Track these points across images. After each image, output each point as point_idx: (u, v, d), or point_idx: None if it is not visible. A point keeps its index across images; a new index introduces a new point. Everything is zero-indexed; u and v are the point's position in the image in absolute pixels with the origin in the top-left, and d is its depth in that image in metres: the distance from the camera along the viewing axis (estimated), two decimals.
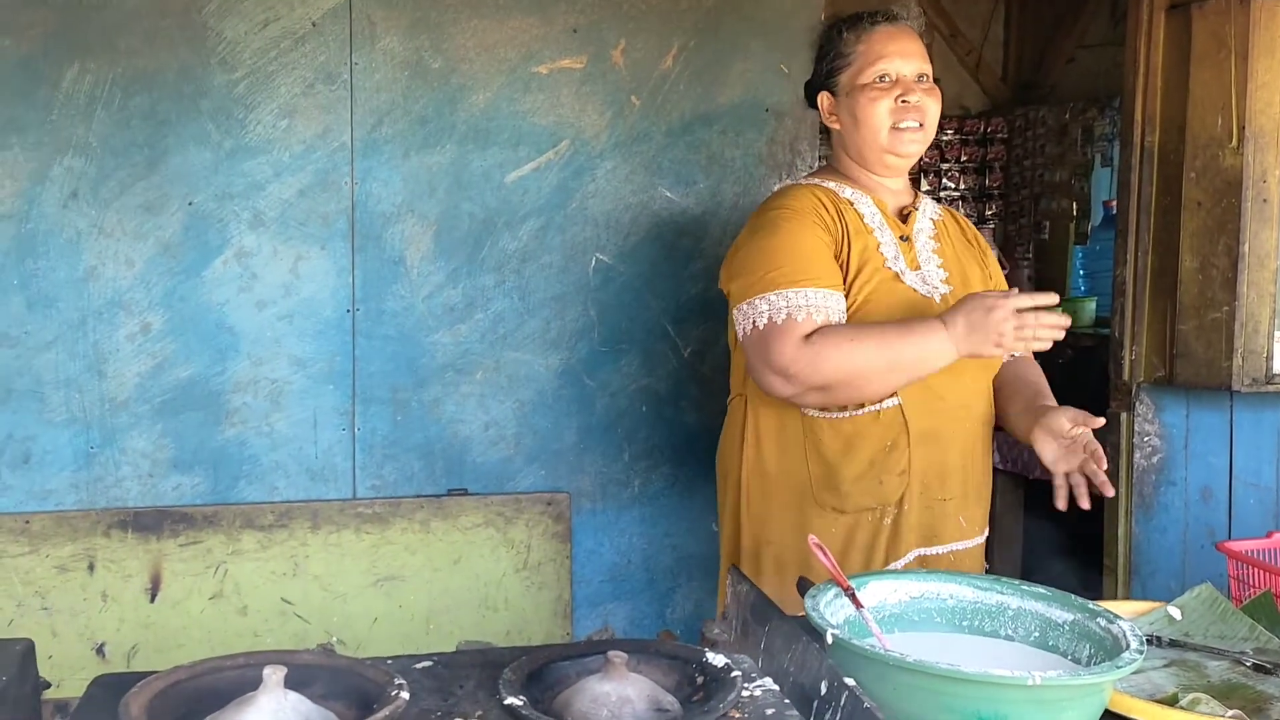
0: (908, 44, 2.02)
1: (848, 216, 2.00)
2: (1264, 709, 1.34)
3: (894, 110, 1.99)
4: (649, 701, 1.11)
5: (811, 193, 2.03)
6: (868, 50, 2.02)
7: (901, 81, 2.00)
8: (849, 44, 2.04)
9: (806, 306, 1.88)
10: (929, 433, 1.98)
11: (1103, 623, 1.34)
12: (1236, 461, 2.82)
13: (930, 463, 1.98)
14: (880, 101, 1.99)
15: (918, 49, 2.03)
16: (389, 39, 2.65)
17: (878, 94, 1.99)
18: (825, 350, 1.85)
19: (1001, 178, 6.58)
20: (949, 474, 2.01)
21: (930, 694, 1.17)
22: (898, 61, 2.00)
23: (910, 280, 1.98)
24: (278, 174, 2.62)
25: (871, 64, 2.01)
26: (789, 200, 2.02)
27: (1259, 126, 2.65)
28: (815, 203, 2.00)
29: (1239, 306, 2.67)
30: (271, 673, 1.04)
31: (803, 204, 2.00)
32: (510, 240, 2.76)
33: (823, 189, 2.05)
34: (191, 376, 2.63)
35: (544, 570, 2.81)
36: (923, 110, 2.00)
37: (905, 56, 2.00)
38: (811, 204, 2.00)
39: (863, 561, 2.00)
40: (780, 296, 1.90)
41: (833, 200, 2.02)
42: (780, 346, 1.87)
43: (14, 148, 2.49)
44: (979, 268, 2.13)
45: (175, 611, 2.62)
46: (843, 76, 2.05)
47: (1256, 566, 1.70)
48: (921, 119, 2.00)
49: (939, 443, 1.99)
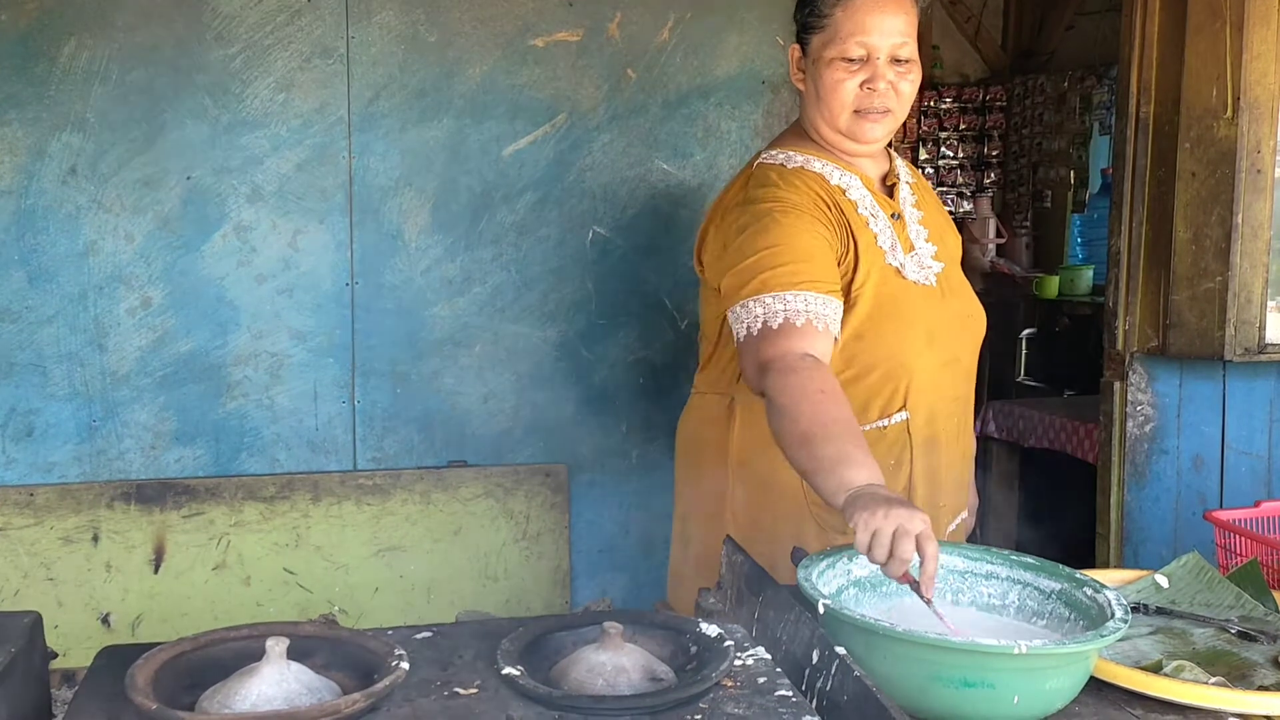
0: (889, 15, 1.80)
1: (844, 208, 1.83)
2: (1247, 675, 1.36)
3: (859, 95, 1.81)
4: (644, 671, 1.14)
5: (805, 183, 1.83)
6: (845, 19, 1.80)
7: (872, 62, 1.80)
8: (827, 4, 1.82)
9: (806, 312, 1.71)
10: (928, 441, 1.86)
11: (1089, 591, 1.37)
12: (1229, 431, 2.84)
13: (928, 473, 1.87)
14: (845, 83, 1.81)
15: (901, 22, 1.81)
16: (385, 13, 2.65)
17: (844, 74, 1.80)
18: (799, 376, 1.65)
19: (1000, 146, 6.57)
20: (944, 477, 1.90)
21: (919, 663, 1.20)
22: (874, 36, 1.79)
23: (909, 271, 1.84)
24: (275, 148, 2.63)
25: (845, 38, 1.80)
26: (784, 191, 1.82)
27: (1254, 97, 2.65)
28: (814, 196, 1.82)
29: (1232, 277, 2.68)
30: (274, 644, 1.07)
31: (801, 197, 1.81)
32: (508, 213, 2.77)
33: (812, 175, 1.86)
34: (192, 350, 2.65)
35: (543, 541, 2.84)
36: (890, 96, 1.82)
37: (883, 32, 1.79)
38: (811, 198, 1.81)
39: None
40: (776, 299, 1.73)
41: (826, 190, 1.84)
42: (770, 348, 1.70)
43: (12, 124, 2.50)
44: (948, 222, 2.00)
45: (179, 582, 2.66)
46: (814, 38, 1.84)
47: (1243, 535, 1.72)
48: (889, 105, 1.82)
49: (935, 448, 1.88)
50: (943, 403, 1.88)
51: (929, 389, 1.85)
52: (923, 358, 1.84)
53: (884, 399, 1.83)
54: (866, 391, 1.83)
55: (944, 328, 1.88)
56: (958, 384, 1.93)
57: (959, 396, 1.94)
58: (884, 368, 1.82)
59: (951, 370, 1.90)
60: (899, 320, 1.82)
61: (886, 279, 1.83)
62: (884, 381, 1.83)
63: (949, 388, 1.90)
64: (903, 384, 1.83)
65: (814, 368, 1.66)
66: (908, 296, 1.84)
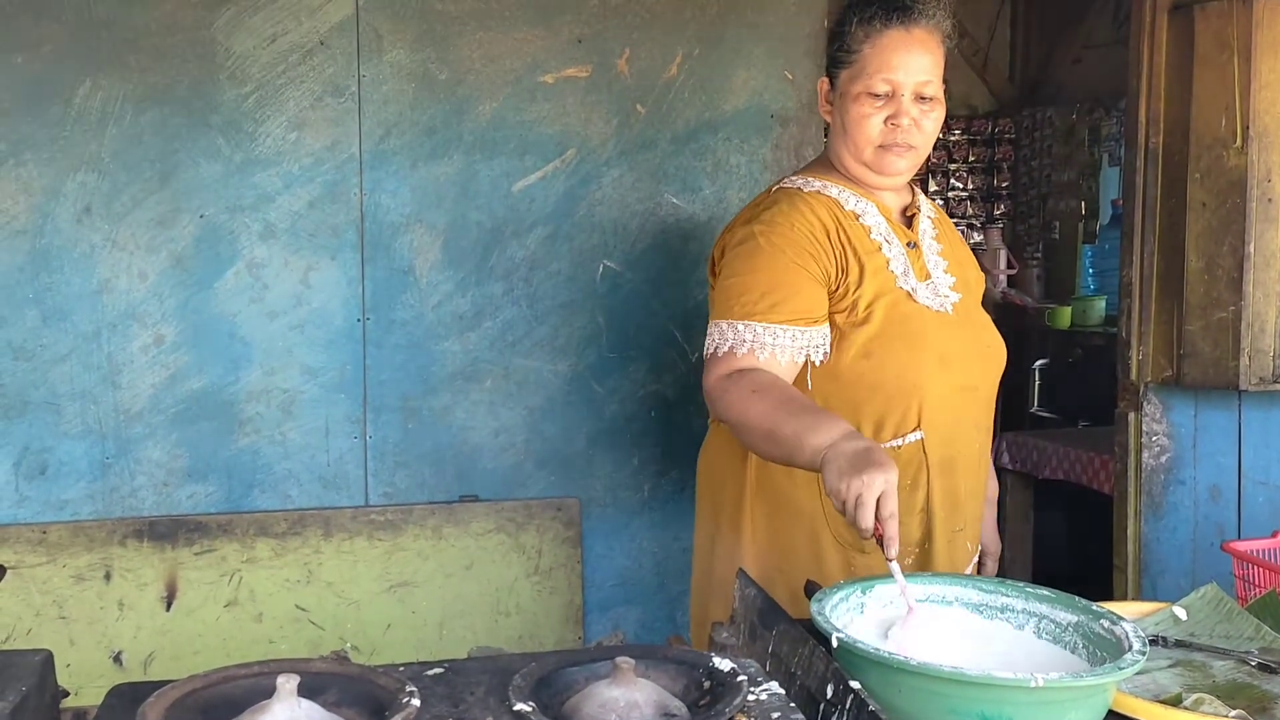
0: (915, 55, 1.85)
1: (853, 233, 1.87)
2: (1269, 709, 1.35)
3: (883, 130, 1.85)
4: (656, 707, 1.13)
5: (812, 209, 1.87)
6: (873, 56, 1.85)
7: (897, 98, 1.84)
8: (856, 40, 1.87)
9: (751, 342, 1.81)
10: (946, 462, 1.87)
11: (1106, 624, 1.36)
12: (1245, 460, 2.82)
13: (946, 494, 1.88)
14: (870, 119, 1.85)
15: (927, 60, 1.86)
16: (396, 51, 2.68)
17: (870, 109, 1.85)
18: (732, 392, 1.78)
19: (1009, 178, 6.59)
20: (961, 502, 1.91)
21: (935, 696, 1.19)
22: (899, 74, 1.84)
23: (922, 296, 1.87)
24: (287, 186, 2.65)
25: (872, 74, 1.84)
26: (782, 217, 1.87)
27: (1263, 126, 2.65)
28: (811, 224, 1.85)
29: (1245, 306, 2.67)
30: (285, 681, 1.06)
31: (795, 228, 1.85)
32: (518, 249, 2.78)
33: (826, 200, 1.90)
34: (205, 387, 2.65)
35: (555, 575, 2.83)
36: (914, 132, 1.86)
37: (909, 70, 1.84)
38: (805, 228, 1.85)
39: None
40: (730, 327, 1.83)
41: (835, 216, 1.88)
42: (709, 375, 1.84)
43: (28, 164, 2.53)
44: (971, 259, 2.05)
45: (191, 619, 2.65)
46: (843, 73, 1.89)
47: (1262, 566, 1.70)
48: (913, 140, 1.86)
49: (953, 471, 1.89)
50: (961, 427, 1.89)
51: (944, 411, 1.86)
52: (936, 379, 1.84)
53: (897, 418, 1.85)
54: (879, 410, 1.85)
55: (959, 353, 1.89)
56: (977, 411, 1.94)
57: (978, 423, 1.95)
58: (894, 386, 1.84)
59: (969, 396, 1.90)
60: (908, 340, 1.84)
61: (898, 302, 1.85)
62: (895, 400, 1.84)
63: (967, 413, 1.91)
64: (914, 404, 1.84)
65: (737, 380, 1.79)
66: (920, 319, 1.86)
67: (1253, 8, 2.62)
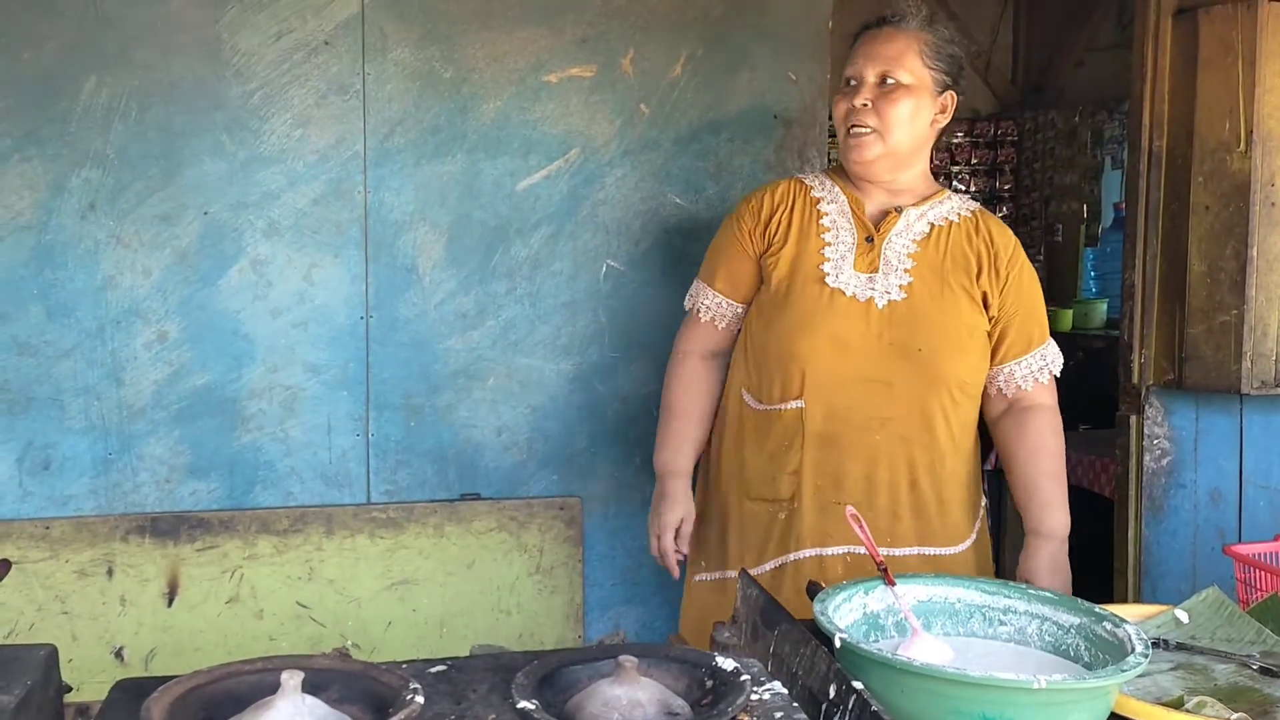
0: (878, 46, 2.02)
1: (803, 217, 2.07)
2: (1270, 712, 1.35)
3: (847, 115, 2.03)
4: (659, 705, 1.13)
5: (773, 192, 2.13)
6: (851, 54, 2.07)
7: (858, 86, 2.02)
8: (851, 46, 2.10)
9: (707, 306, 2.19)
10: (827, 437, 2.01)
11: (1109, 626, 1.36)
12: (1246, 464, 2.82)
13: (821, 465, 2.02)
14: (839, 105, 2.05)
15: (889, 50, 2.01)
16: (400, 50, 2.68)
17: (840, 98, 2.05)
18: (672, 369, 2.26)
19: (1012, 180, 6.59)
20: (845, 480, 2.02)
21: (938, 697, 1.19)
22: (860, 62, 2.03)
23: (842, 282, 2.00)
24: (292, 183, 2.65)
25: (846, 68, 2.06)
26: (748, 196, 2.17)
27: (1267, 130, 2.66)
28: (760, 204, 2.12)
29: (1247, 310, 2.67)
30: (289, 677, 1.07)
31: (748, 204, 2.14)
32: (521, 247, 2.79)
33: (799, 185, 2.12)
34: (208, 383, 2.66)
35: (556, 574, 2.83)
36: (869, 114, 2.00)
37: (870, 59, 2.01)
38: (754, 206, 2.12)
39: (756, 551, 2.06)
40: (696, 284, 2.24)
41: (794, 199, 2.10)
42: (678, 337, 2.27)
43: (32, 160, 2.53)
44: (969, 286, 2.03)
45: (192, 615, 2.65)
46: None
47: (1263, 570, 1.71)
48: (870, 123, 1.99)
49: (838, 449, 2.01)
50: (856, 414, 2.00)
51: (833, 391, 1.99)
52: (822, 357, 1.99)
53: (781, 383, 2.04)
54: (770, 373, 2.06)
55: (863, 344, 1.99)
56: (887, 407, 2.00)
57: (889, 421, 2.00)
58: (782, 353, 2.03)
59: (873, 389, 1.98)
60: (802, 317, 2.01)
61: (808, 282, 2.02)
62: (777, 365, 2.04)
63: (869, 403, 1.99)
64: (796, 374, 2.02)
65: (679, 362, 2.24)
66: (820, 300, 2.00)
67: (1257, 12, 2.63)
